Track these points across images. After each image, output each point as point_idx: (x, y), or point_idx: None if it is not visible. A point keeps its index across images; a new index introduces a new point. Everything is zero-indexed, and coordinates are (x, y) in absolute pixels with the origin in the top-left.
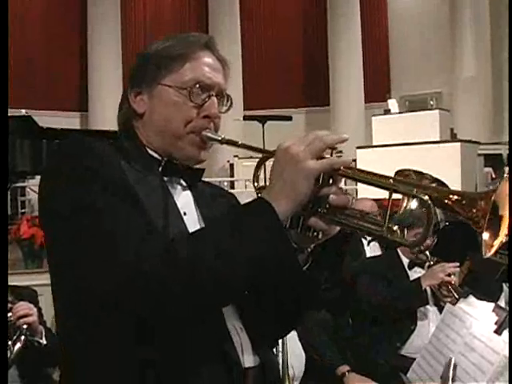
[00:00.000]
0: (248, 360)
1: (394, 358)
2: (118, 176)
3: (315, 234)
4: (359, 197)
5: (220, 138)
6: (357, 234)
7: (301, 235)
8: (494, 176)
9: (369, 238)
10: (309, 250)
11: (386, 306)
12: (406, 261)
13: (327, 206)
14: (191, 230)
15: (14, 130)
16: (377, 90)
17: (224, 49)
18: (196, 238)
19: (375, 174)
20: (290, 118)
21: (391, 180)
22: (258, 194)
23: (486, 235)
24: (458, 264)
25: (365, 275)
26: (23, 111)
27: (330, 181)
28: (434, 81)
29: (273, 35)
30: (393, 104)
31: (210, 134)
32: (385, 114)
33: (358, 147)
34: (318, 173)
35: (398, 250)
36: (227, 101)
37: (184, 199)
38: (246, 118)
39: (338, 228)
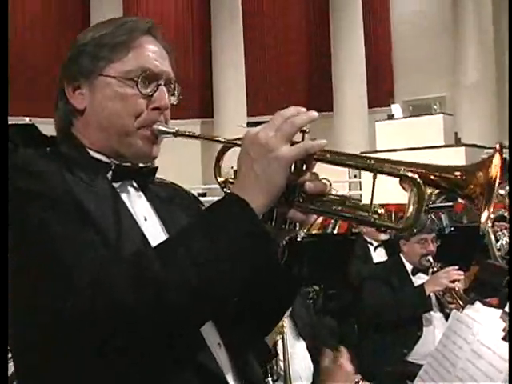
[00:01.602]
0: (231, 377)
1: (400, 364)
2: (63, 192)
3: (291, 225)
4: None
5: (174, 131)
6: (363, 239)
7: (276, 228)
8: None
9: (375, 244)
10: (284, 242)
11: (390, 314)
12: (409, 267)
13: (303, 194)
14: (154, 237)
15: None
16: (380, 94)
17: (227, 55)
18: (164, 252)
19: (355, 156)
20: None
21: (373, 160)
22: (222, 188)
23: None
24: (462, 271)
25: (370, 281)
26: (26, 119)
27: (304, 166)
28: (438, 85)
29: (276, 41)
30: (396, 109)
31: (162, 128)
32: (388, 118)
33: (362, 152)
34: (293, 160)
35: (402, 256)
36: (174, 90)
37: (141, 204)
38: (249, 124)
39: (315, 217)
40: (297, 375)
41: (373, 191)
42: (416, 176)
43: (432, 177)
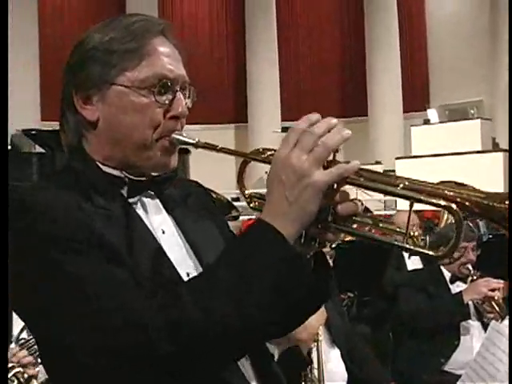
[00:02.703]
0: None
1: (437, 374)
2: (82, 230)
3: (320, 243)
4: (398, 208)
5: (194, 142)
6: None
7: (304, 246)
8: None
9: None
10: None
11: (426, 320)
12: (447, 274)
13: (334, 215)
14: (172, 250)
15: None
16: (416, 99)
17: (262, 60)
18: (199, 294)
19: (390, 178)
20: None
21: (407, 182)
22: (248, 203)
23: None
24: (502, 280)
25: (405, 288)
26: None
27: (334, 186)
28: (475, 89)
29: (310, 45)
30: (432, 114)
31: (182, 138)
32: (424, 123)
33: (397, 158)
34: (327, 186)
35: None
36: (189, 94)
37: (158, 216)
38: (284, 129)
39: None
40: (331, 383)
41: (409, 218)
42: (454, 205)
43: (468, 204)
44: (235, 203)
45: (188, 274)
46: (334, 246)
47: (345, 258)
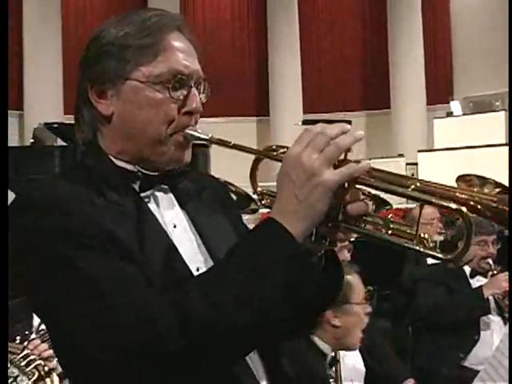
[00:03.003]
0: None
1: (456, 369)
2: (94, 226)
3: (331, 242)
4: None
5: (208, 137)
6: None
7: (315, 244)
8: None
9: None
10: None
11: (445, 314)
12: (467, 269)
13: (344, 214)
14: (182, 244)
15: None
16: (439, 91)
17: (283, 53)
18: (208, 290)
19: (401, 178)
20: (349, 122)
21: (418, 183)
22: (260, 200)
23: None
24: None
25: (424, 283)
26: None
27: (345, 185)
28: (499, 81)
29: (332, 37)
30: (456, 106)
31: (196, 133)
32: (447, 116)
33: (420, 151)
34: (337, 185)
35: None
36: (204, 89)
37: (170, 210)
38: (304, 122)
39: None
40: (348, 378)
41: (419, 219)
42: (464, 209)
43: (479, 207)
44: (256, 196)
45: (198, 269)
46: (352, 239)
47: (364, 252)
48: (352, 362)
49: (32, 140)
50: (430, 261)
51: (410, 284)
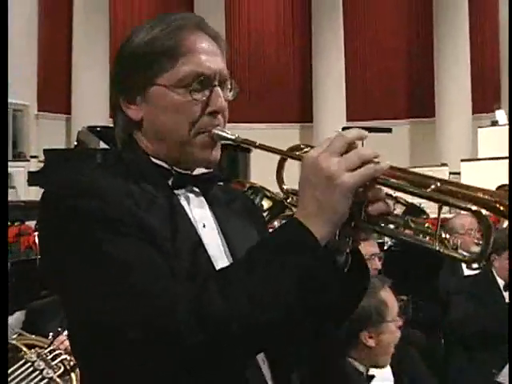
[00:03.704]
0: None
1: None
2: (127, 213)
3: (354, 241)
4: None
5: (234, 138)
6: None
7: (338, 242)
8: None
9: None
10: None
11: (477, 328)
12: (501, 282)
13: (365, 214)
14: (210, 244)
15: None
16: (485, 99)
17: (327, 60)
18: (227, 285)
19: (421, 177)
20: (389, 130)
21: (439, 183)
22: (285, 198)
23: None
24: None
25: (457, 294)
26: None
27: (366, 186)
28: None
29: (377, 44)
30: (501, 115)
31: (222, 133)
32: (492, 125)
33: (463, 160)
34: (356, 187)
35: (493, 271)
36: (230, 86)
37: (200, 210)
38: (344, 129)
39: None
40: None
41: (438, 219)
42: (483, 211)
43: (502, 208)
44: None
45: None
46: (385, 248)
47: (397, 261)
48: (380, 371)
49: (76, 143)
50: (466, 272)
51: (444, 295)
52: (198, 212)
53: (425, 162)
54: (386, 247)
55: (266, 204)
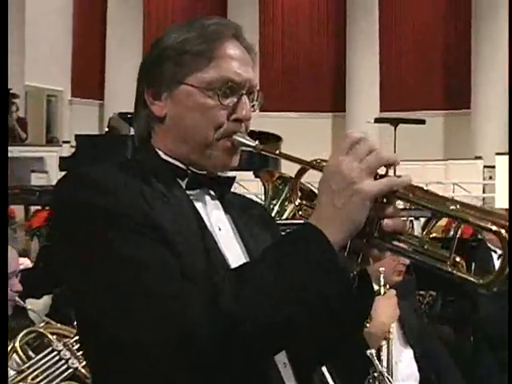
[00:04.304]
0: None
1: None
2: (139, 212)
3: (365, 259)
4: (496, 206)
5: (254, 145)
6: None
7: (348, 259)
8: None
9: (499, 252)
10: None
11: (498, 327)
12: None
13: (380, 230)
14: (227, 247)
15: None
16: None
17: (361, 49)
18: (241, 283)
19: (440, 198)
20: (423, 122)
21: (458, 205)
22: (297, 210)
23: None
24: None
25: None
26: None
27: (384, 200)
28: None
29: (412, 35)
30: None
31: (243, 140)
32: None
33: (498, 153)
34: (376, 196)
35: None
36: (257, 97)
37: (216, 213)
38: (377, 120)
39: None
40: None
41: (454, 238)
42: (503, 231)
43: None
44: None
45: None
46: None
47: None
48: (405, 367)
49: (107, 129)
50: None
51: (472, 291)
52: (214, 214)
53: (459, 154)
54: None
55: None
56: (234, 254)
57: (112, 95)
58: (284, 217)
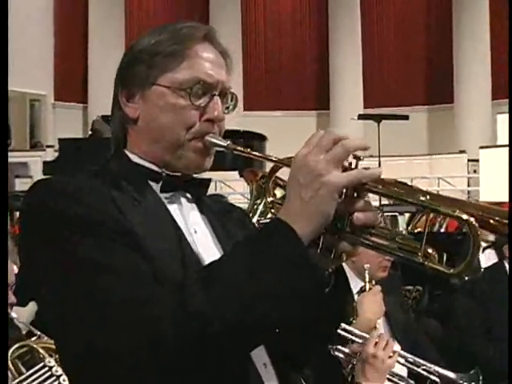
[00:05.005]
0: None
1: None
2: (110, 218)
3: (337, 255)
4: (481, 199)
5: (226, 145)
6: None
7: (321, 256)
8: None
9: (484, 245)
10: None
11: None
12: None
13: (351, 224)
14: (204, 248)
15: None
16: (505, 85)
17: (344, 45)
18: (209, 282)
19: (410, 189)
20: (406, 117)
21: (428, 196)
22: (270, 208)
23: None
24: None
25: (463, 295)
26: None
27: (354, 194)
28: None
29: (395, 31)
30: None
31: (214, 140)
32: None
33: (482, 147)
34: (343, 188)
35: (505, 263)
36: (231, 99)
37: (192, 215)
38: (360, 116)
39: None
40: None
41: (425, 229)
42: (472, 219)
43: (492, 221)
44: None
45: None
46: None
47: None
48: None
49: (90, 132)
50: (483, 265)
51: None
52: (191, 217)
53: (443, 149)
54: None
55: (278, 193)
56: (211, 255)
57: (95, 98)
58: (269, 216)
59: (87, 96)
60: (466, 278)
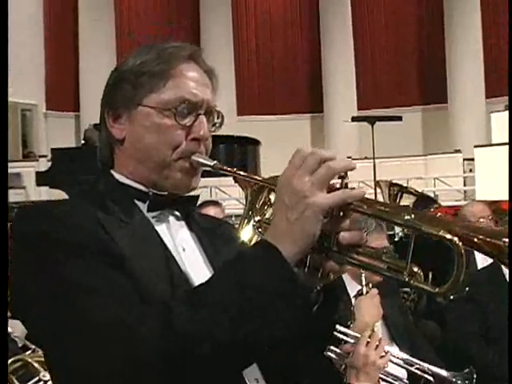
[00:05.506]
0: None
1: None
2: (96, 241)
3: (325, 273)
4: (478, 198)
5: (212, 164)
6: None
7: (308, 275)
8: None
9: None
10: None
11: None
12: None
13: (338, 243)
14: (192, 267)
15: None
16: (498, 84)
17: (336, 49)
18: (197, 303)
19: (395, 207)
20: (399, 118)
21: (413, 215)
22: (257, 228)
23: None
24: None
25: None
26: None
27: (340, 213)
28: None
29: (387, 33)
30: None
31: (201, 160)
32: (505, 109)
33: (476, 146)
34: (328, 209)
35: (503, 267)
36: (217, 118)
37: (181, 233)
38: (354, 119)
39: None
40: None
41: (409, 251)
42: (455, 238)
43: (476, 240)
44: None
45: None
46: (396, 239)
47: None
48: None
49: (83, 141)
50: (479, 265)
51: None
52: (179, 235)
53: (438, 149)
54: (396, 239)
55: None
56: (200, 273)
57: (87, 106)
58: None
59: (79, 104)
60: (452, 298)
